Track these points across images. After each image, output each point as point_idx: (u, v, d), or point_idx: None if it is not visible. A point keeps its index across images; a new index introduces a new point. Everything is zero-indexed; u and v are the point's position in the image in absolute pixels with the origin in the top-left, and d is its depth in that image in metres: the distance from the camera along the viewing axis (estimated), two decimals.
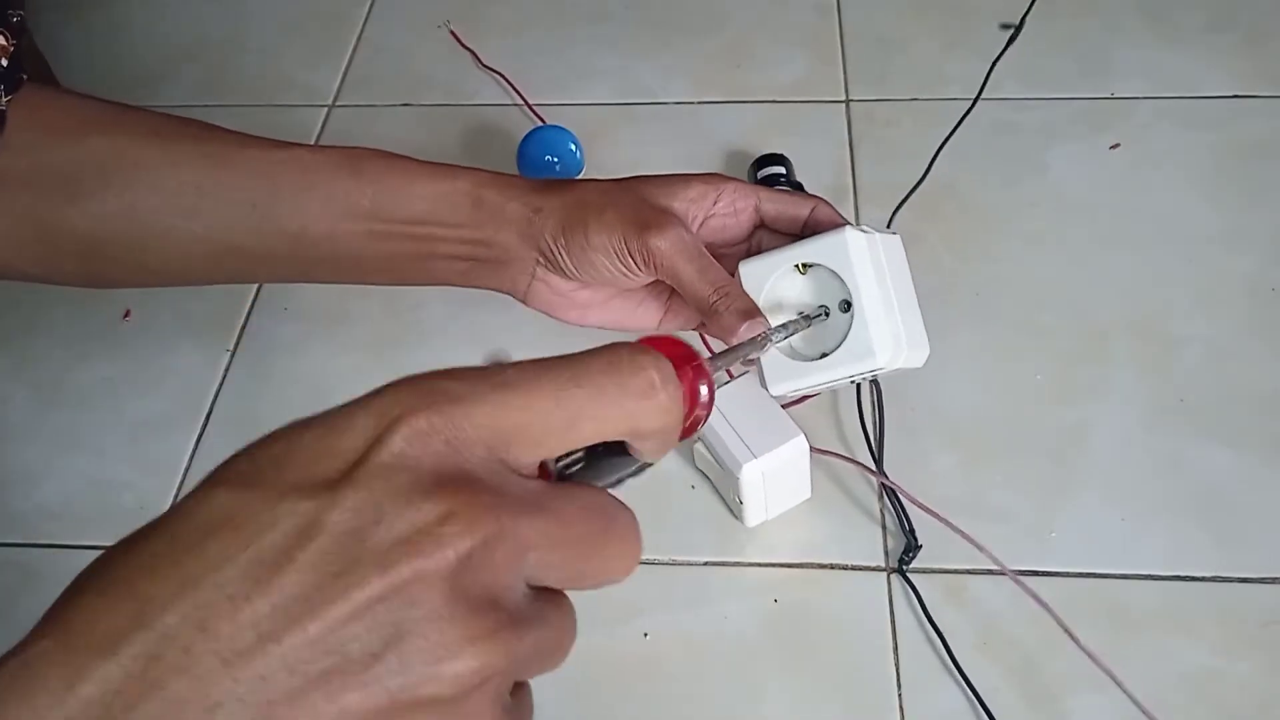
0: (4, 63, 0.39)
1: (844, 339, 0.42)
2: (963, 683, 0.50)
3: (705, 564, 0.55)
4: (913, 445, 0.58)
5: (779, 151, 0.70)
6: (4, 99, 0.39)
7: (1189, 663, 0.50)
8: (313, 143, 0.78)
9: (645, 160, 0.74)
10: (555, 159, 0.65)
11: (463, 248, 0.45)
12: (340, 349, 0.66)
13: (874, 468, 0.57)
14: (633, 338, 0.26)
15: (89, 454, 0.62)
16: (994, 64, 0.69)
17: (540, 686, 0.54)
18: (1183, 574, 0.53)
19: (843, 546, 0.55)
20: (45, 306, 0.70)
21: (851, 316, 0.42)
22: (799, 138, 0.75)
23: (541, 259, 0.45)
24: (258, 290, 0.69)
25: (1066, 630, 0.50)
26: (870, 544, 0.55)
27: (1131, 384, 0.61)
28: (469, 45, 0.83)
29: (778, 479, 0.53)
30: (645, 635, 0.53)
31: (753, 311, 0.42)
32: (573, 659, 0.56)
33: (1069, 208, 0.69)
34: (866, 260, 0.42)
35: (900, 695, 0.50)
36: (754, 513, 0.54)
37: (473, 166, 0.46)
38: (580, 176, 0.66)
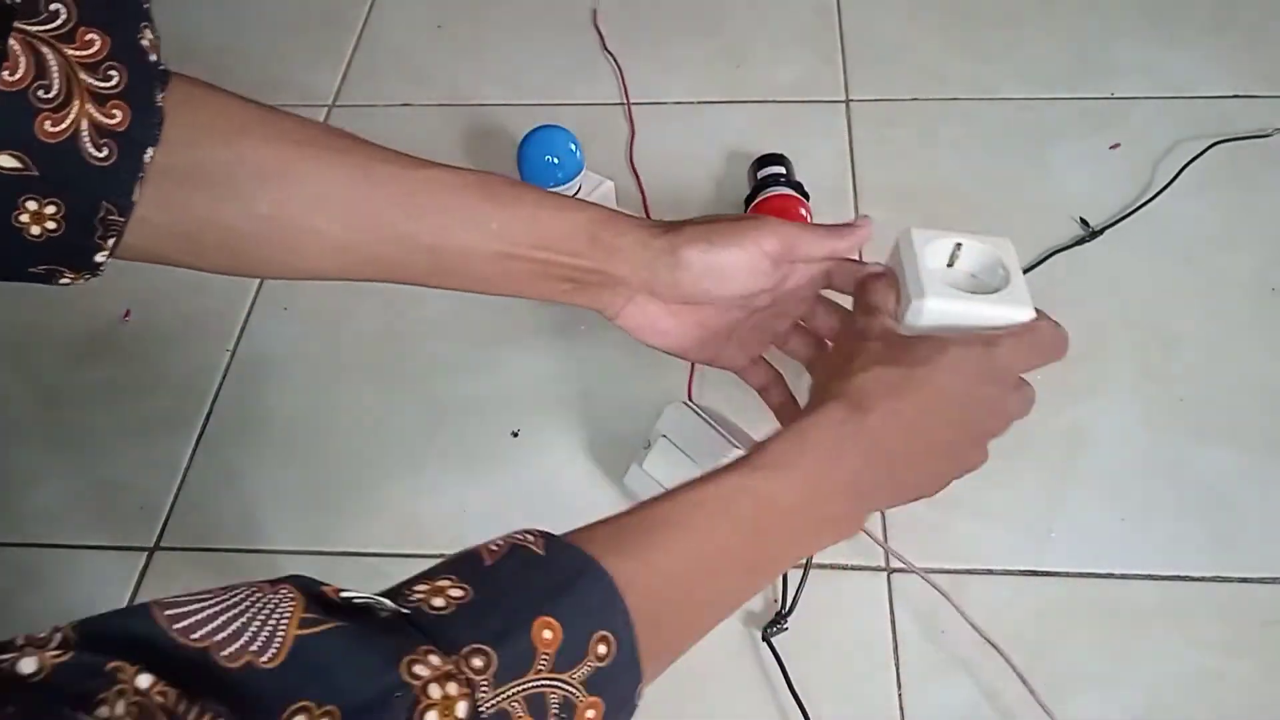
0: (154, 58, 0.41)
1: (1001, 290, 0.46)
2: (963, 682, 0.50)
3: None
4: None
5: (779, 151, 0.70)
6: (160, 96, 0.41)
7: (1189, 663, 0.50)
8: None
9: (645, 160, 0.74)
10: (555, 159, 0.65)
11: (574, 272, 0.49)
12: (340, 349, 0.66)
13: None
14: None
15: (89, 454, 0.62)
16: (1052, 254, 0.66)
17: None
18: (1182, 574, 0.53)
19: (843, 546, 0.55)
20: (45, 307, 0.70)
21: (1008, 280, 0.47)
22: (799, 138, 0.75)
23: (651, 282, 0.49)
24: (258, 290, 0.69)
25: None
26: (870, 543, 0.55)
27: (1131, 384, 0.61)
28: (468, 45, 0.83)
29: None
30: None
31: (864, 223, 0.50)
32: None
33: (1069, 208, 0.69)
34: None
35: (900, 695, 0.50)
36: None
37: (590, 202, 0.51)
38: (579, 177, 0.66)
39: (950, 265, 0.48)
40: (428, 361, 0.65)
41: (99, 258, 0.42)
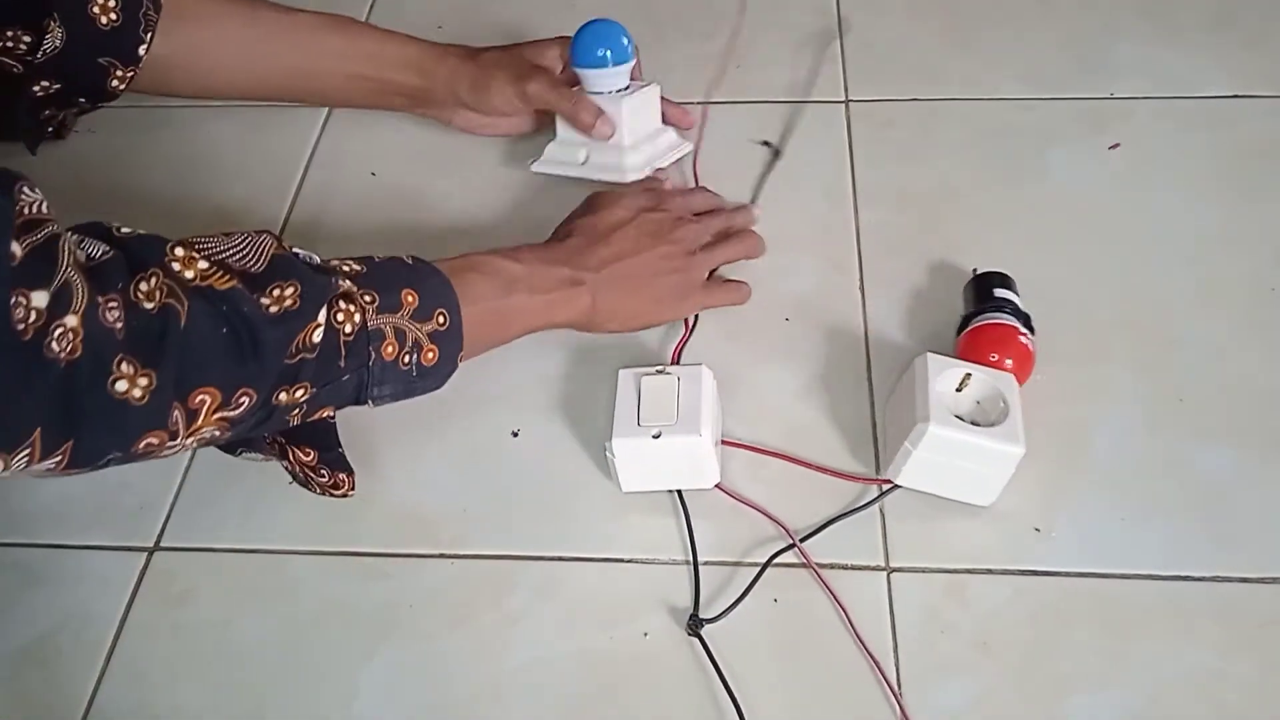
0: None
1: (999, 426, 0.52)
2: (963, 682, 0.50)
3: (705, 563, 0.55)
4: None
5: (1004, 271, 0.63)
6: None
7: (1189, 663, 0.50)
8: (314, 142, 0.78)
9: None
10: (607, 51, 0.69)
11: (407, 90, 0.73)
12: None
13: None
14: None
15: None
16: (761, 180, 0.72)
17: (540, 684, 0.54)
18: (1182, 574, 0.53)
19: (843, 546, 0.55)
20: None
21: (1006, 415, 0.53)
22: (799, 138, 0.75)
23: (459, 103, 0.73)
24: None
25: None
26: (870, 544, 0.55)
27: (1131, 384, 0.61)
28: None
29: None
30: (645, 635, 0.53)
31: (598, 110, 0.69)
32: (573, 658, 0.56)
33: (1069, 208, 0.69)
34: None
35: (900, 695, 0.50)
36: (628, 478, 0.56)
37: (417, 38, 0.73)
38: (629, 67, 0.70)
39: (959, 390, 0.55)
40: None
41: (140, 50, 0.65)
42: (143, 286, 0.43)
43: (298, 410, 0.49)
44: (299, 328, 0.46)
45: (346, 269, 0.51)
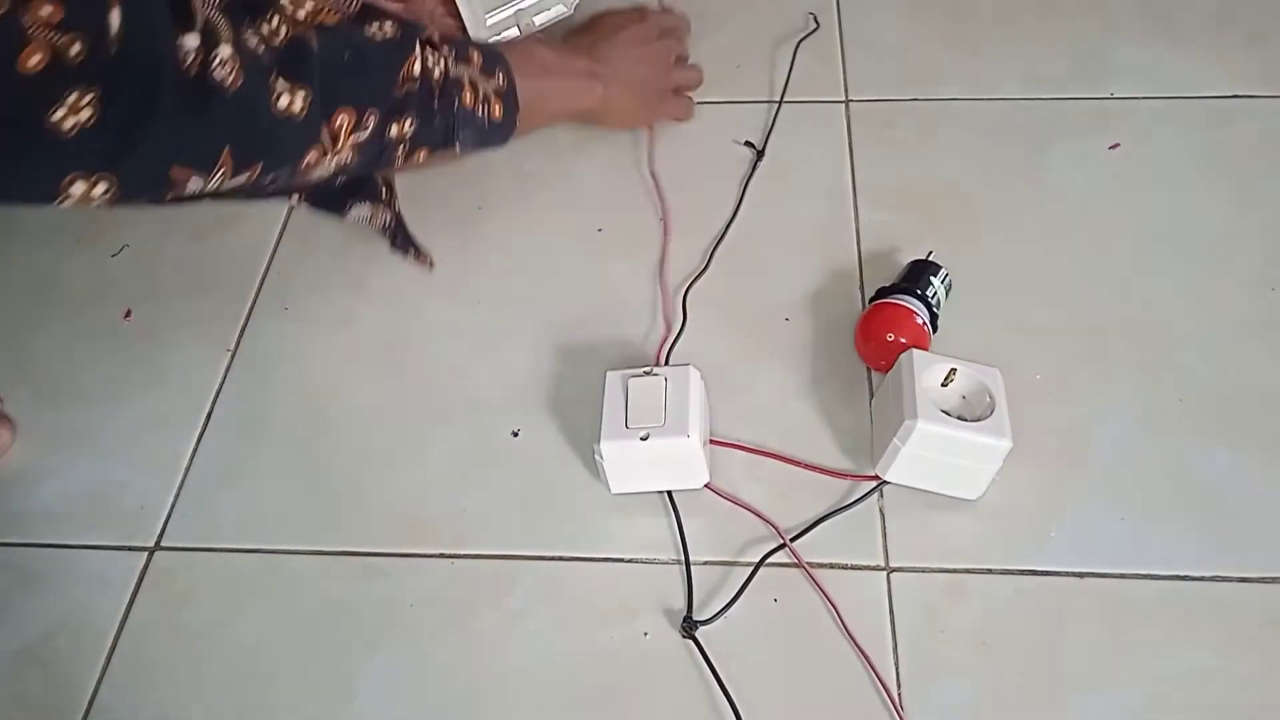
0: None
1: (986, 420, 0.52)
2: (963, 682, 0.50)
3: (705, 563, 0.55)
4: None
5: (937, 262, 0.63)
6: None
7: (1189, 663, 0.50)
8: None
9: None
10: None
11: None
12: (340, 349, 0.66)
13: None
14: None
15: (89, 454, 0.62)
16: (745, 186, 0.72)
17: (540, 684, 0.54)
18: (1182, 574, 0.53)
19: (842, 546, 0.55)
20: (46, 306, 0.70)
21: (992, 409, 0.53)
22: (799, 138, 0.75)
23: None
24: (258, 290, 0.69)
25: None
26: (870, 544, 0.55)
27: (1131, 384, 0.61)
28: None
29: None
30: (645, 635, 0.53)
31: None
32: (573, 658, 0.56)
33: (1069, 208, 0.69)
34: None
35: (900, 695, 0.50)
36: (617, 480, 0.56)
37: None
38: None
39: (945, 385, 0.55)
40: (428, 361, 0.65)
41: None
42: (267, 26, 0.48)
43: (403, 147, 0.56)
44: (403, 57, 0.53)
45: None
